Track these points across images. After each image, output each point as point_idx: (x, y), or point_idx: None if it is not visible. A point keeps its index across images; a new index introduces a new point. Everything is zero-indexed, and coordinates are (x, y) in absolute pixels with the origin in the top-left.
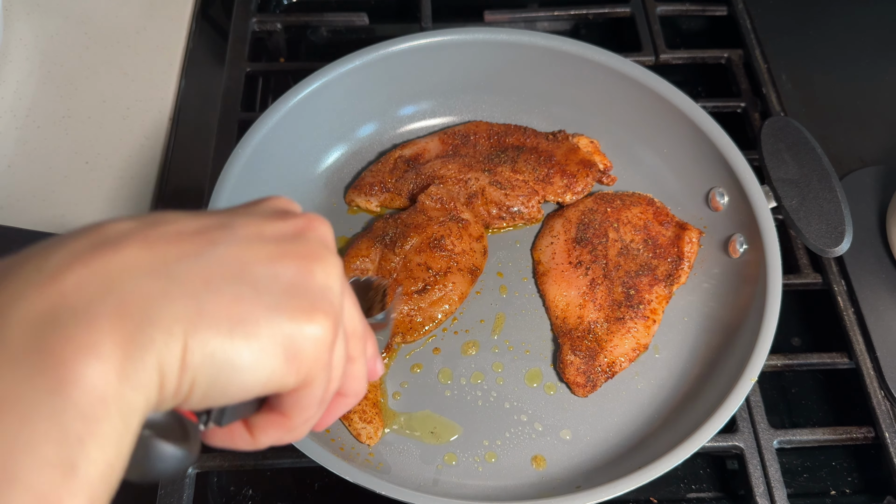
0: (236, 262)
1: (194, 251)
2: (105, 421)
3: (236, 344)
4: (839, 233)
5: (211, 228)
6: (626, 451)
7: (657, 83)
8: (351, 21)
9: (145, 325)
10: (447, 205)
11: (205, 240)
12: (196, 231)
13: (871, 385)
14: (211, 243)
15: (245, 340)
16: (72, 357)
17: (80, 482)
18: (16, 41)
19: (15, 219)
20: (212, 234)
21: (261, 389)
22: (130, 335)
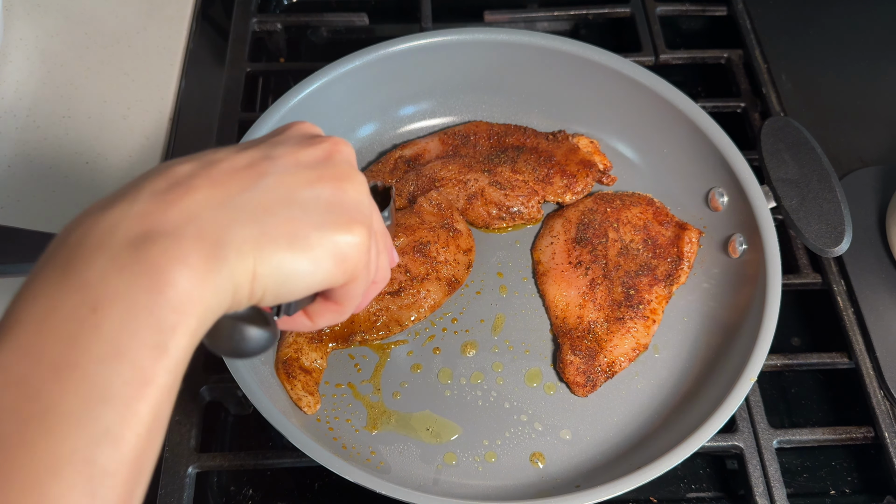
0: (284, 188)
1: (250, 184)
2: (191, 315)
3: (296, 256)
4: (839, 233)
5: (258, 161)
6: (626, 450)
7: (657, 83)
8: (351, 21)
9: (220, 245)
10: (444, 211)
11: (255, 173)
12: (247, 166)
13: (871, 385)
14: (261, 175)
15: (302, 252)
16: (166, 265)
17: (169, 360)
18: (16, 41)
19: (15, 219)
20: (259, 166)
21: (317, 287)
22: (210, 252)
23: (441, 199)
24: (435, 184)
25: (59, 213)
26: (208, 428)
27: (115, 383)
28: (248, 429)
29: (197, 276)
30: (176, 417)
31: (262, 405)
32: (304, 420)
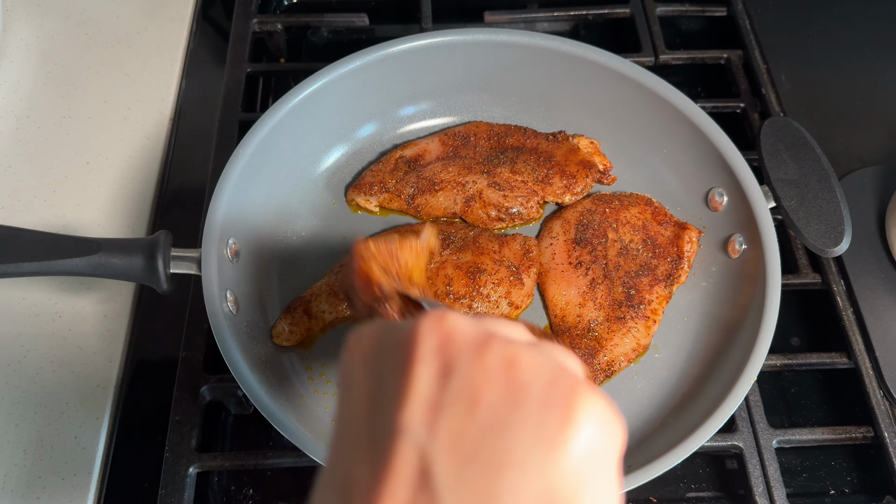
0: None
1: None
2: None
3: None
4: (838, 233)
5: (407, 477)
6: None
7: (657, 84)
8: (351, 22)
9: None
10: (525, 256)
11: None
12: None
13: (871, 385)
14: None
15: None
16: None
17: None
18: (16, 41)
19: (15, 219)
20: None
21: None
22: None
23: (532, 244)
24: (434, 186)
25: (59, 213)
26: (209, 428)
27: None
28: (248, 429)
29: None
30: (176, 417)
31: (262, 405)
32: (305, 420)
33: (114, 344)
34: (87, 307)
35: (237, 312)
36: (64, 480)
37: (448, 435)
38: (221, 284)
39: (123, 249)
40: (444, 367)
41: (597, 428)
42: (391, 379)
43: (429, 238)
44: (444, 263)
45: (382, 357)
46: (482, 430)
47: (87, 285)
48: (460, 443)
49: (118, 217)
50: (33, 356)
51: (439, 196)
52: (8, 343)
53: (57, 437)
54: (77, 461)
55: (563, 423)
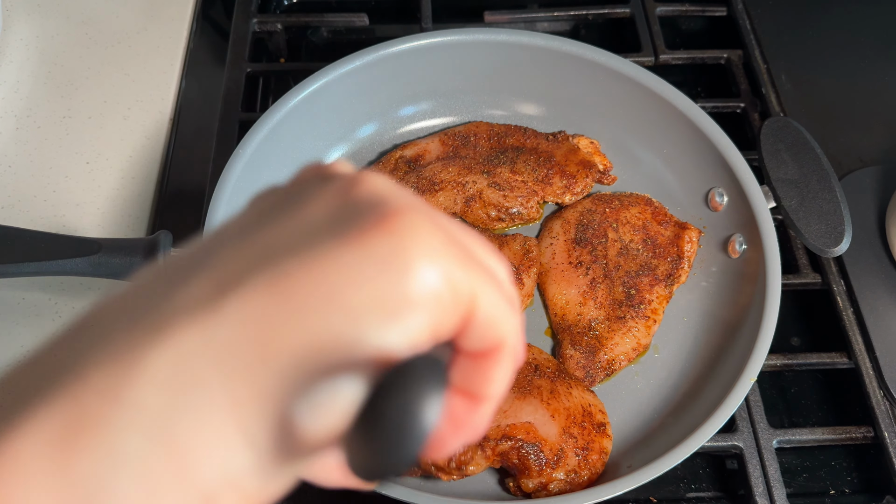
0: (240, 258)
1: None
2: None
3: (322, 352)
4: (838, 233)
5: (189, 259)
6: (625, 450)
7: (657, 83)
8: (351, 21)
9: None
10: (525, 257)
11: (184, 273)
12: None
13: (871, 385)
14: (191, 273)
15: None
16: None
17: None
18: (16, 41)
19: (15, 219)
20: (190, 263)
21: (412, 348)
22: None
23: (532, 244)
24: (434, 186)
25: (58, 213)
26: None
27: None
28: None
29: (46, 470)
30: None
31: None
32: None
33: None
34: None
35: None
36: None
37: (251, 235)
38: None
39: (123, 249)
40: (294, 189)
41: (414, 249)
42: (250, 209)
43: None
44: None
45: (263, 195)
46: (289, 229)
47: (87, 285)
48: (258, 233)
49: (118, 217)
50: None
51: (439, 196)
52: (7, 343)
53: None
54: None
55: (371, 229)
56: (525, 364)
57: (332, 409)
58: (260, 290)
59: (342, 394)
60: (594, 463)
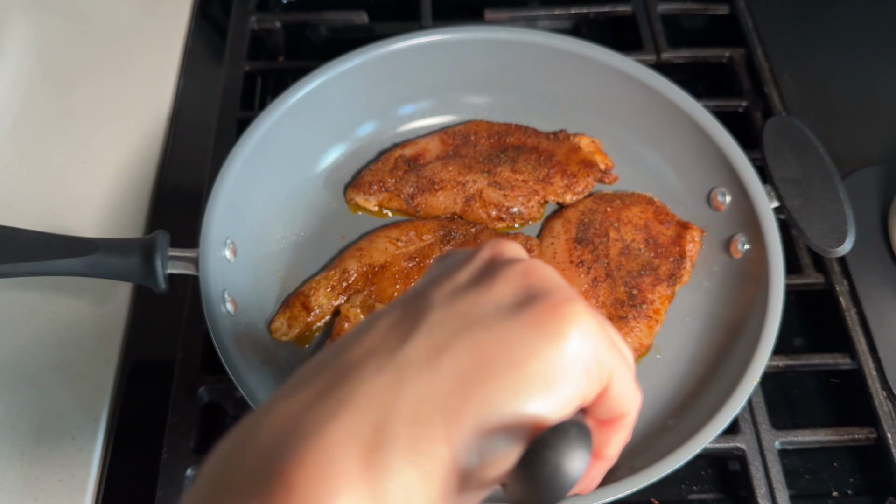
0: (452, 318)
1: (406, 332)
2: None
3: (507, 391)
4: (842, 233)
5: (408, 309)
6: (628, 452)
7: (659, 82)
8: (350, 19)
9: (380, 440)
10: (531, 252)
11: (409, 321)
12: (400, 316)
13: (874, 386)
14: (418, 319)
15: (513, 379)
16: (304, 483)
17: None
18: (13, 39)
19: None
20: (411, 312)
21: (563, 416)
22: (366, 455)
23: (535, 243)
24: (434, 185)
25: (55, 212)
26: (207, 429)
27: None
28: None
29: (349, 486)
30: (174, 419)
31: None
32: None
33: (111, 345)
34: (83, 308)
35: (235, 313)
36: (61, 482)
37: (454, 303)
38: (219, 285)
39: (120, 249)
40: (485, 266)
41: (575, 333)
42: (446, 271)
43: None
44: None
45: (452, 260)
46: (482, 306)
47: (84, 286)
48: (458, 308)
49: (115, 216)
50: (30, 357)
51: (439, 195)
52: (4, 344)
53: (54, 439)
54: (74, 463)
55: (546, 315)
56: None
57: (500, 458)
58: (462, 353)
59: (506, 444)
60: None
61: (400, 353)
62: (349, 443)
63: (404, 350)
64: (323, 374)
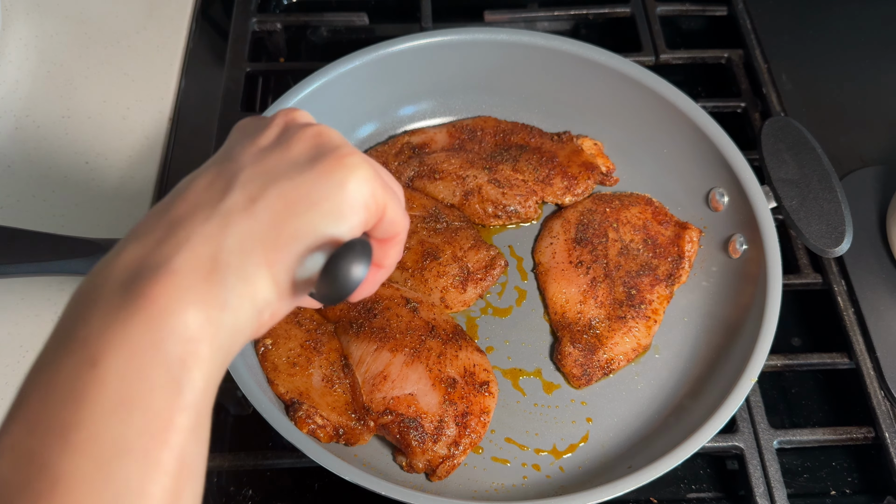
0: (259, 172)
1: (224, 187)
2: (201, 343)
3: (306, 222)
4: (839, 233)
5: (222, 168)
6: (626, 451)
7: (657, 83)
8: (351, 21)
9: (216, 259)
10: (492, 269)
11: (226, 177)
12: (215, 176)
13: (872, 385)
14: (232, 175)
15: (311, 213)
16: (159, 296)
17: (186, 397)
18: (15, 41)
19: (15, 219)
20: (226, 171)
21: (349, 237)
22: (207, 269)
23: (501, 266)
24: (435, 174)
25: (59, 213)
26: None
27: (127, 435)
28: (247, 429)
29: (196, 298)
30: None
31: (261, 405)
32: None
33: None
34: None
35: None
36: None
37: (260, 162)
38: None
39: None
40: (282, 131)
41: (355, 178)
42: (248, 136)
43: None
44: (414, 234)
45: (251, 126)
46: (283, 162)
47: None
48: (264, 166)
49: (117, 217)
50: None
51: (438, 185)
52: (7, 343)
53: None
54: None
55: (334, 165)
56: (423, 323)
57: (311, 267)
58: (274, 200)
59: (316, 258)
60: (475, 428)
61: (222, 204)
62: (191, 270)
63: (225, 202)
64: (157, 226)
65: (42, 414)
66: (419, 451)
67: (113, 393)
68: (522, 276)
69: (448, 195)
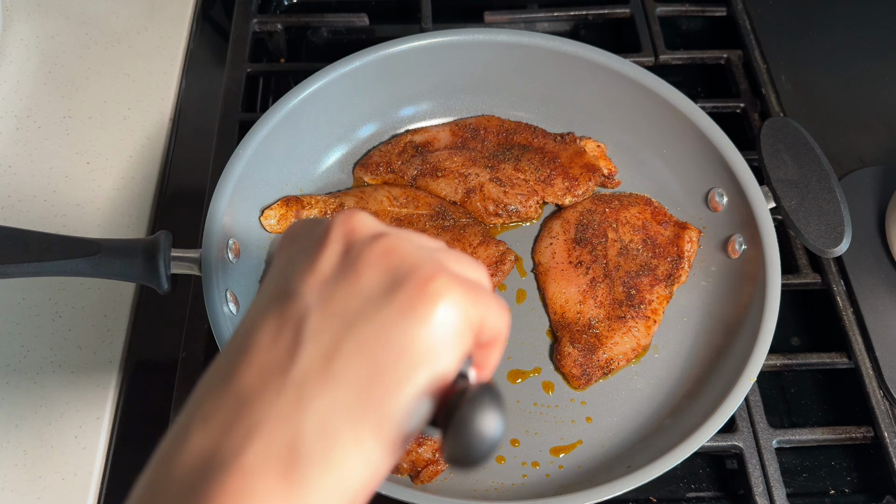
0: (331, 320)
1: (293, 344)
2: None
3: (399, 378)
4: (838, 233)
5: (284, 312)
6: (626, 450)
7: (657, 84)
8: (351, 22)
9: (296, 451)
10: (502, 265)
11: (291, 328)
12: (277, 327)
13: (871, 385)
14: (299, 325)
15: (402, 366)
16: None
17: None
18: (16, 41)
19: (15, 219)
20: (289, 315)
21: (450, 379)
22: (286, 467)
23: (510, 260)
24: (437, 172)
25: (59, 213)
26: None
27: None
28: None
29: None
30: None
31: None
32: None
33: (114, 344)
34: (87, 307)
35: (238, 312)
36: (64, 480)
37: (328, 301)
38: (222, 284)
39: (123, 250)
40: (344, 251)
41: (445, 308)
42: (303, 256)
43: None
44: (423, 232)
45: (303, 240)
46: (355, 298)
47: (87, 285)
48: (334, 306)
49: (118, 217)
50: (33, 356)
51: (441, 182)
52: (8, 343)
53: (57, 437)
54: (77, 461)
55: (416, 297)
56: None
57: (412, 421)
58: (354, 356)
59: (419, 408)
60: None
61: (294, 368)
62: (266, 466)
63: (297, 365)
64: (223, 401)
65: None
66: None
67: None
68: (522, 276)
69: (450, 192)
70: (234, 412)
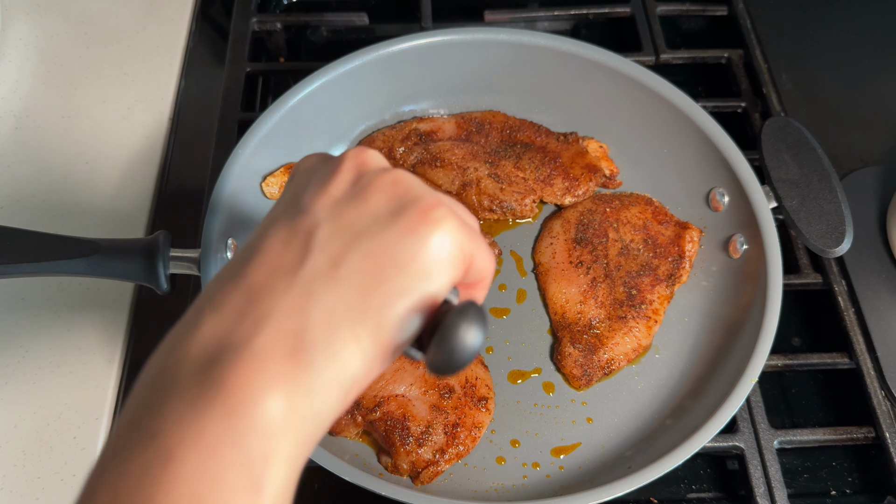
0: (339, 232)
1: (303, 250)
2: (285, 436)
3: (396, 289)
4: (840, 233)
5: (295, 223)
6: (627, 451)
7: (657, 83)
8: (351, 21)
9: (303, 339)
10: None
11: (302, 237)
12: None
13: (872, 385)
14: (309, 235)
15: (401, 279)
16: (241, 384)
17: (265, 499)
18: (15, 41)
19: (15, 219)
20: (300, 228)
21: (442, 296)
22: (292, 352)
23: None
24: (436, 162)
25: (59, 213)
26: None
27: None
28: None
29: (280, 384)
30: None
31: None
32: None
33: (113, 344)
34: (85, 307)
35: None
36: (63, 481)
37: (338, 217)
38: None
39: (122, 250)
40: (355, 178)
41: (442, 233)
42: (316, 181)
43: None
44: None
45: (316, 169)
46: (363, 217)
47: (87, 285)
48: (343, 221)
49: (117, 217)
50: (32, 357)
51: (439, 172)
52: (7, 343)
53: (56, 438)
54: (76, 461)
55: (418, 221)
56: None
57: (404, 332)
58: (359, 264)
59: (409, 322)
60: (463, 440)
61: (303, 269)
62: (276, 350)
63: (306, 266)
64: (235, 294)
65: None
66: (403, 453)
67: (186, 494)
68: (522, 276)
69: (447, 183)
70: (246, 303)
